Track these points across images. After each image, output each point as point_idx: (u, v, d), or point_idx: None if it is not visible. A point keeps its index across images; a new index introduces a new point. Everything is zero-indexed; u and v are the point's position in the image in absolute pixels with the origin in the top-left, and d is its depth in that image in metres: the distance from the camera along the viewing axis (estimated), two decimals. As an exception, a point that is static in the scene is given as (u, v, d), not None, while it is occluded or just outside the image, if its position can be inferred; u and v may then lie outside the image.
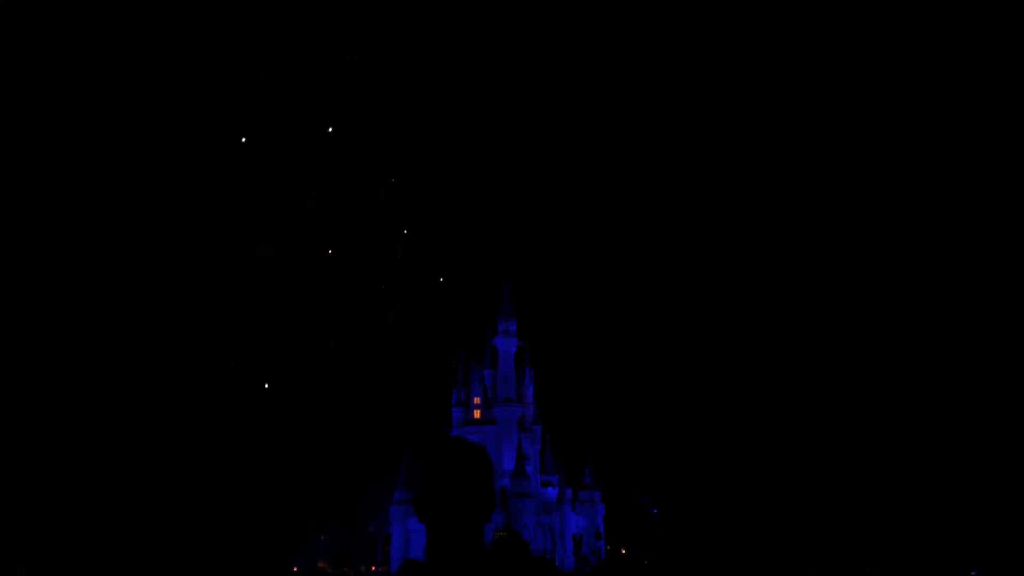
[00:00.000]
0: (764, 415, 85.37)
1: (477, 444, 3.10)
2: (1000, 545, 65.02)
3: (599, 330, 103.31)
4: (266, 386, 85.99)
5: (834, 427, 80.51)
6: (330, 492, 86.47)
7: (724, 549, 76.75)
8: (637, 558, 78.08)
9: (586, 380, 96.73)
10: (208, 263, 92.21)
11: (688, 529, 79.49)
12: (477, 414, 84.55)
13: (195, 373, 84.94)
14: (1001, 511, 67.71)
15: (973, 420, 73.88)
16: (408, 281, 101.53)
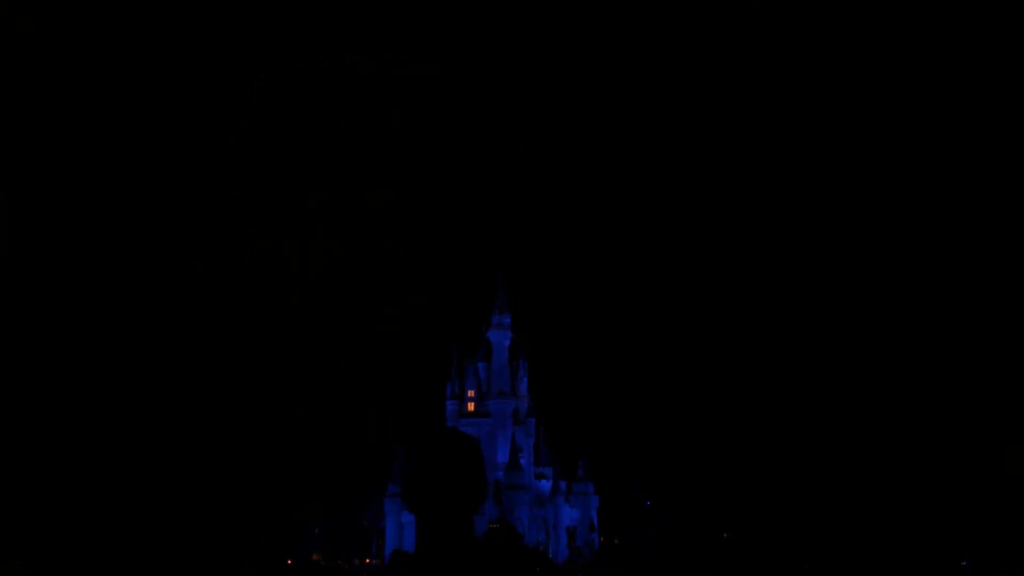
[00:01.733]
0: (762, 412, 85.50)
1: (468, 435, 3.07)
2: (988, 536, 65.34)
3: (593, 322, 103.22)
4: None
5: (833, 426, 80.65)
6: (324, 486, 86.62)
7: (719, 543, 76.84)
8: (630, 550, 78.21)
9: (580, 373, 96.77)
10: (208, 263, 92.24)
11: (682, 522, 79.55)
12: (471, 407, 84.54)
13: (195, 373, 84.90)
14: (989, 505, 67.99)
15: (967, 419, 74.09)
16: (402, 276, 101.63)
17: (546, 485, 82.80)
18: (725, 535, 77.99)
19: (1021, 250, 76.97)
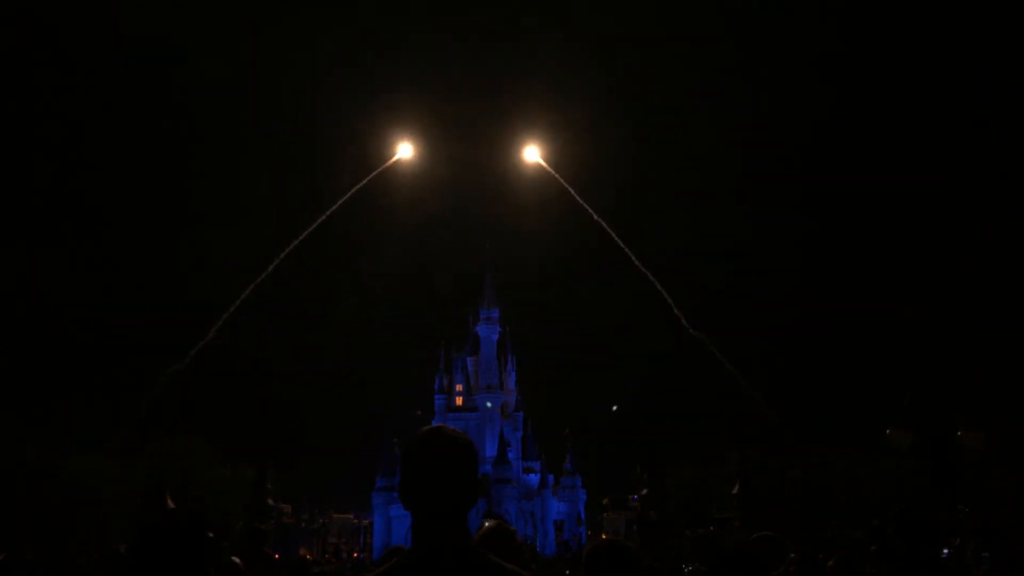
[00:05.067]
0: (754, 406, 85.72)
1: (461, 432, 3.12)
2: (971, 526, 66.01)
3: (584, 315, 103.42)
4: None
5: (823, 420, 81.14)
6: (310, 479, 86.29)
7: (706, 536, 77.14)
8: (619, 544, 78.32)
9: (569, 366, 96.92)
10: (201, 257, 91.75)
11: (671, 516, 79.86)
12: (459, 401, 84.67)
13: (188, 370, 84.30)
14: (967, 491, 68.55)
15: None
16: (392, 268, 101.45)
17: (534, 479, 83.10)
18: (712, 528, 78.42)
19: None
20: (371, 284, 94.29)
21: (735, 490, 35.88)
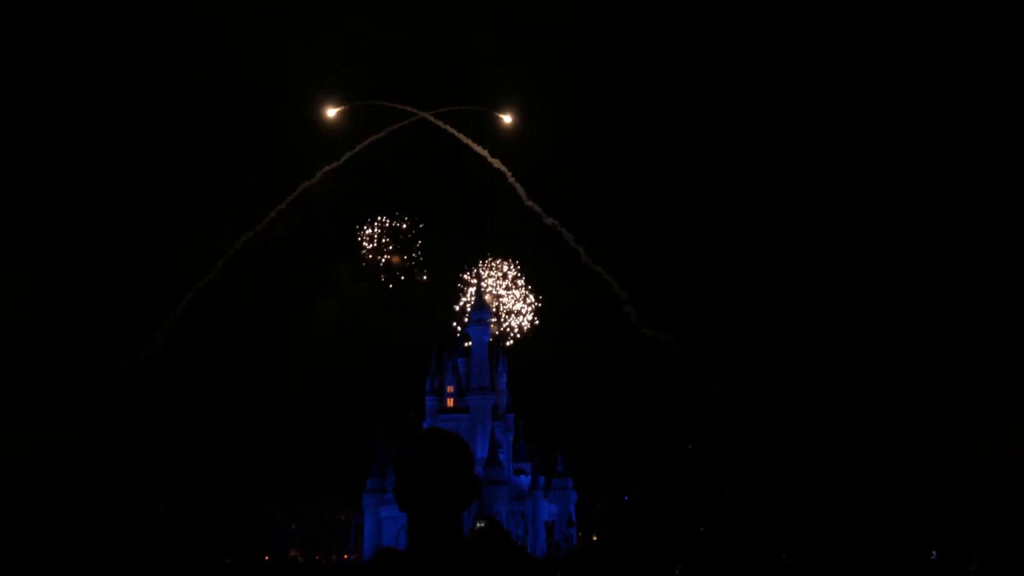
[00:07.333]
0: (741, 406, 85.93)
1: (456, 434, 3.13)
2: (959, 528, 66.32)
3: (576, 316, 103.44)
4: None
5: (813, 419, 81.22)
6: (301, 480, 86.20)
7: (697, 537, 77.49)
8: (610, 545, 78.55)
9: (560, 368, 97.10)
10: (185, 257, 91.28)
11: (662, 517, 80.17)
12: (450, 403, 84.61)
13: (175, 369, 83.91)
14: (957, 494, 68.90)
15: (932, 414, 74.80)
16: (383, 269, 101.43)
17: (525, 480, 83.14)
18: (703, 529, 78.74)
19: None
20: (353, 285, 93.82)
21: (728, 491, 36.05)
